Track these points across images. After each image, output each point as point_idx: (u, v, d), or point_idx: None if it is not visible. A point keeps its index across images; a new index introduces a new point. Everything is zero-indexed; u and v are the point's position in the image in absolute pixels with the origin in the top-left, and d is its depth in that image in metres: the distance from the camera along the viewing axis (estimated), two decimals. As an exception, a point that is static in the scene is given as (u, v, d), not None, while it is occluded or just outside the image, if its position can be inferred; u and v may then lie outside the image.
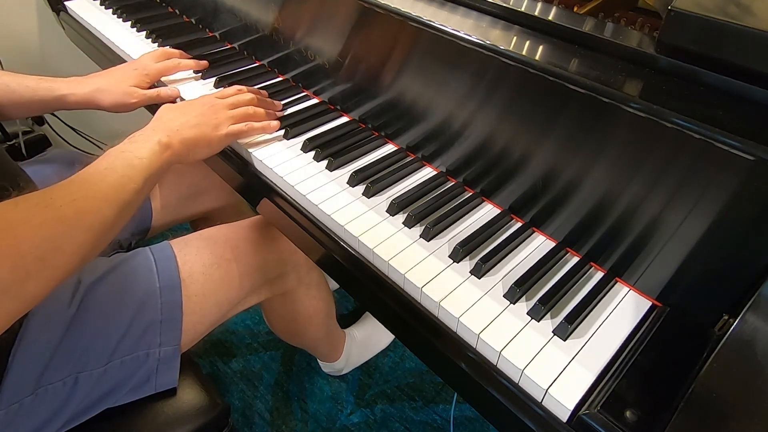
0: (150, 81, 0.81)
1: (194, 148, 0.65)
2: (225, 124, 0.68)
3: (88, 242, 0.49)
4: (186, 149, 0.63)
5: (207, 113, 0.67)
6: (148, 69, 0.81)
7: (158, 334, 0.66)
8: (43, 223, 0.46)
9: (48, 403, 0.59)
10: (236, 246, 0.76)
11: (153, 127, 0.63)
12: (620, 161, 0.49)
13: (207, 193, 0.99)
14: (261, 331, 1.32)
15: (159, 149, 0.59)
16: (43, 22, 1.28)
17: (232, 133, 0.68)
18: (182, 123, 0.64)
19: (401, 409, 1.16)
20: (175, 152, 0.61)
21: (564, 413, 0.44)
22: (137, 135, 0.61)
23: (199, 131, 0.65)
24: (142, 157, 0.57)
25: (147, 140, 0.60)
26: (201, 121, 0.66)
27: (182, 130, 0.63)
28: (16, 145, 1.16)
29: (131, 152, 0.57)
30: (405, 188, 0.66)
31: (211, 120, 0.67)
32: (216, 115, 0.68)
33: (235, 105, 0.70)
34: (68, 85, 0.78)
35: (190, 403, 0.68)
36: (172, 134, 0.62)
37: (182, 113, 0.66)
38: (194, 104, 0.69)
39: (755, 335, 0.41)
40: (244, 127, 0.69)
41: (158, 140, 0.60)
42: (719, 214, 0.44)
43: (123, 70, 0.81)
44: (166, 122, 0.64)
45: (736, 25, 0.43)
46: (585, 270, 0.56)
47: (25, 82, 0.77)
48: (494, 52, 0.54)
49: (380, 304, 0.58)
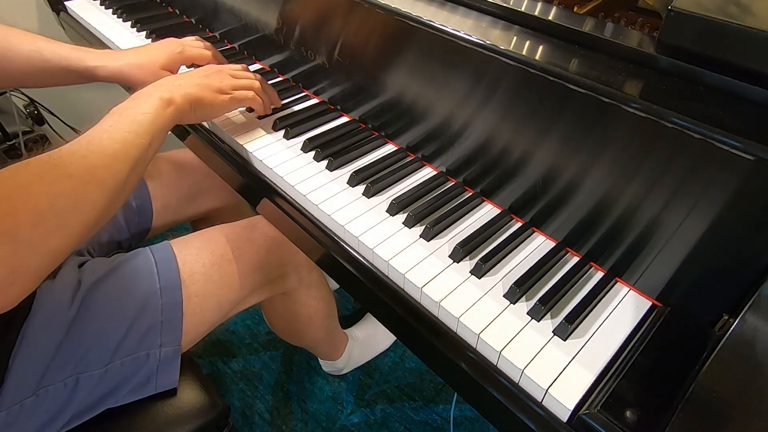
0: (182, 62, 0.79)
1: (198, 106, 0.65)
2: (229, 87, 0.68)
3: (102, 198, 0.50)
4: (189, 105, 0.63)
5: (212, 75, 0.68)
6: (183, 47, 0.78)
7: (159, 334, 0.66)
8: (55, 180, 0.47)
9: (49, 403, 0.59)
10: (237, 246, 0.76)
11: (155, 84, 0.63)
12: (620, 161, 0.49)
13: (207, 193, 0.99)
14: (261, 331, 1.32)
15: (162, 104, 0.59)
16: (43, 22, 1.28)
17: (237, 98, 0.69)
18: (185, 80, 0.65)
19: (401, 409, 1.16)
20: (178, 107, 0.61)
21: (564, 413, 0.44)
22: (139, 92, 0.61)
23: (203, 90, 0.65)
24: (146, 112, 0.58)
25: (149, 96, 0.60)
26: (205, 82, 0.66)
27: (185, 86, 0.64)
28: (16, 145, 1.16)
29: (134, 108, 0.58)
30: (405, 188, 0.66)
31: (215, 82, 0.67)
32: (220, 78, 0.68)
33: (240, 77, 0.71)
34: (100, 57, 0.76)
35: (190, 404, 0.68)
36: (174, 89, 0.62)
37: (186, 75, 0.67)
38: (199, 69, 0.70)
39: (755, 335, 0.41)
40: (250, 94, 0.70)
41: (160, 96, 0.60)
42: (719, 214, 0.44)
43: (159, 47, 0.78)
44: (168, 80, 0.65)
45: (736, 25, 0.43)
46: (585, 270, 0.56)
47: (58, 50, 0.75)
48: (494, 52, 0.54)
49: (380, 304, 0.58)
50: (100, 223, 0.51)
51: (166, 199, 0.92)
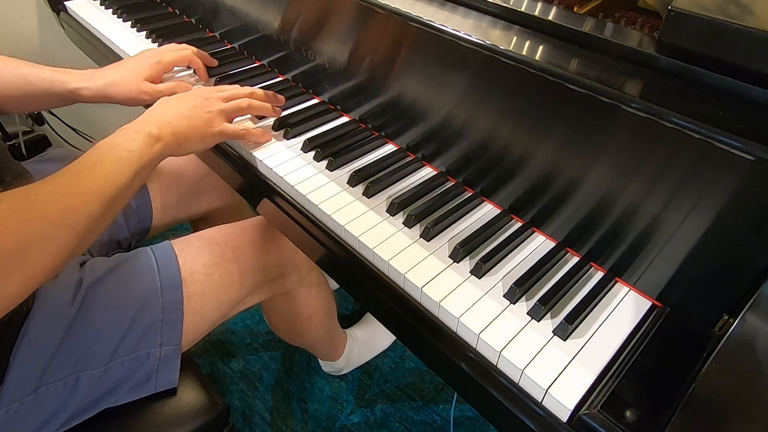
0: (162, 69, 0.79)
1: (186, 141, 0.64)
2: (219, 118, 0.67)
3: (72, 240, 0.48)
4: (177, 141, 0.62)
5: (200, 106, 0.66)
6: (161, 55, 0.79)
7: (159, 333, 0.66)
8: (27, 220, 0.45)
9: (49, 401, 0.59)
10: (237, 246, 0.76)
11: (144, 119, 0.62)
12: (620, 161, 0.49)
13: (207, 193, 0.99)
14: (261, 331, 1.32)
15: (149, 141, 0.58)
16: (43, 22, 1.28)
17: (227, 132, 0.68)
18: (174, 115, 0.64)
19: (401, 409, 1.16)
20: (166, 144, 0.60)
21: (564, 413, 0.44)
22: (128, 127, 0.60)
23: (192, 124, 0.64)
24: (132, 150, 0.56)
25: (137, 132, 0.59)
26: (194, 114, 0.65)
27: (174, 121, 0.63)
28: (16, 145, 1.15)
29: (121, 145, 0.56)
30: (405, 188, 0.66)
31: (204, 113, 0.66)
32: (209, 107, 0.67)
33: (230, 98, 0.70)
34: (81, 79, 0.76)
35: (190, 403, 0.68)
36: (163, 126, 0.61)
37: (175, 105, 0.66)
38: (188, 96, 0.68)
39: (755, 335, 0.41)
40: (240, 131, 0.69)
41: (148, 132, 0.59)
42: (719, 214, 0.44)
43: (137, 60, 0.79)
44: (157, 114, 0.64)
45: (736, 25, 0.43)
46: (585, 270, 0.56)
47: (41, 74, 0.75)
48: (494, 52, 0.54)
49: (380, 304, 0.58)
50: (67, 263, 0.49)
51: (166, 199, 0.92)
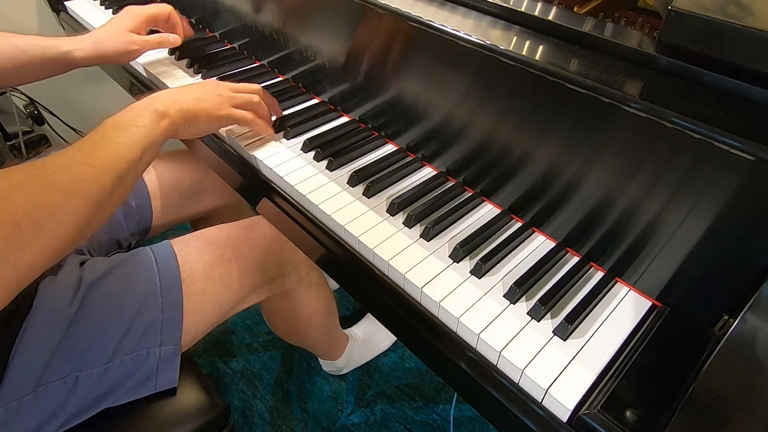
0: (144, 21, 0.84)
1: (193, 121, 0.64)
2: (226, 103, 0.67)
3: (85, 211, 0.48)
4: (184, 120, 0.62)
5: (209, 90, 0.67)
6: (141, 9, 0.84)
7: (159, 333, 0.66)
8: (36, 190, 0.45)
9: (48, 401, 0.59)
10: (236, 246, 0.76)
11: (151, 97, 0.62)
12: (620, 161, 0.49)
13: (207, 193, 0.99)
14: (261, 331, 1.32)
15: (156, 117, 0.58)
16: (43, 22, 1.28)
17: (235, 116, 0.68)
18: (182, 93, 0.64)
19: (401, 409, 1.16)
20: (172, 121, 0.60)
21: (564, 413, 0.44)
22: (134, 105, 0.60)
23: (200, 105, 0.65)
24: (139, 125, 0.56)
25: (144, 108, 0.59)
26: (203, 96, 0.66)
27: (181, 99, 0.63)
28: (16, 145, 1.15)
29: (128, 121, 0.56)
30: (405, 188, 0.66)
31: (213, 96, 0.67)
32: (218, 93, 0.67)
33: (240, 90, 0.70)
34: (71, 41, 0.79)
35: (190, 403, 0.68)
36: (170, 104, 0.61)
37: (184, 89, 0.66)
38: (198, 84, 0.69)
39: (755, 335, 0.41)
40: (248, 116, 0.69)
41: (155, 108, 0.59)
42: (719, 214, 0.44)
43: (118, 17, 0.84)
44: (165, 93, 0.64)
45: (736, 25, 0.43)
46: (585, 270, 0.56)
47: (34, 41, 0.77)
48: (494, 52, 0.54)
49: (380, 304, 0.58)
50: (81, 237, 0.49)
51: (166, 199, 0.92)
